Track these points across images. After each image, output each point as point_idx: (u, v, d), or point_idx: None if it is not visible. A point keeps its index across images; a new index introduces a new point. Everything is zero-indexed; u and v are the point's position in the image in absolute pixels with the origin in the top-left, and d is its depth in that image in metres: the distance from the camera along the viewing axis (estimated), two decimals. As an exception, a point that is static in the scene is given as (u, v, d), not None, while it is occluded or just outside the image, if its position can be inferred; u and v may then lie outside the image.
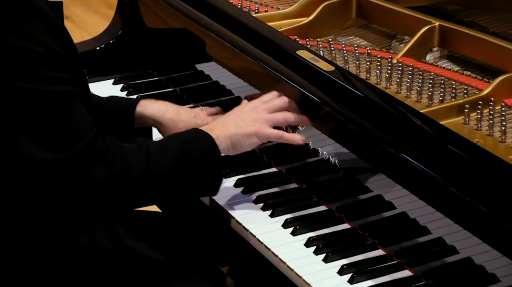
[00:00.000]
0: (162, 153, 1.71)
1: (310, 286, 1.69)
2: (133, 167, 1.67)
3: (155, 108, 2.01)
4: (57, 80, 1.62)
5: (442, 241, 1.68)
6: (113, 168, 1.65)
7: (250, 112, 1.85)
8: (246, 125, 1.82)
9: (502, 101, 1.92)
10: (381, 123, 1.80)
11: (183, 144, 1.76)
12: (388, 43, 2.26)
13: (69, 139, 1.62)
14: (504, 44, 2.04)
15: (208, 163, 1.77)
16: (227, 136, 1.80)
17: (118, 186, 1.66)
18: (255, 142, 1.83)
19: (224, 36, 2.17)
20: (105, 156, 1.65)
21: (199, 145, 1.77)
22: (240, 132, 1.81)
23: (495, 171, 1.65)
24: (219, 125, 1.82)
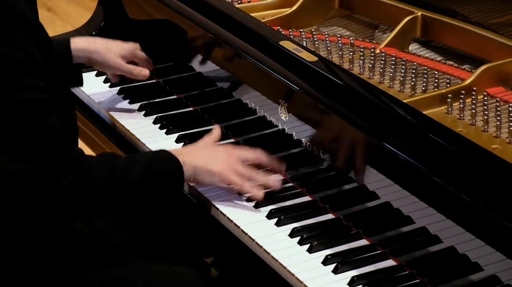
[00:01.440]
0: (128, 166, 1.75)
1: (294, 277, 1.69)
2: (97, 177, 1.70)
3: (84, 41, 2.14)
4: (35, 88, 1.62)
5: (426, 231, 1.69)
6: (78, 177, 1.67)
7: (223, 154, 1.87)
8: (214, 163, 1.84)
9: (484, 90, 1.93)
10: (364, 114, 1.80)
11: (150, 160, 1.79)
12: (371, 33, 2.26)
13: (38, 150, 1.63)
14: (486, 33, 2.05)
15: (171, 183, 1.80)
16: (192, 166, 1.82)
17: (82, 195, 1.68)
18: (215, 181, 1.85)
19: (207, 27, 2.16)
20: (72, 165, 1.67)
21: (166, 165, 1.80)
22: (206, 167, 1.83)
23: (478, 161, 1.66)
24: (189, 153, 1.85)
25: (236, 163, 1.86)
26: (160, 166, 1.79)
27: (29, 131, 1.62)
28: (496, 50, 2.01)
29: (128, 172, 1.73)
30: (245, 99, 2.10)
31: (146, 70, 2.18)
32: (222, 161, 1.85)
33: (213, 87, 2.22)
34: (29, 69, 1.61)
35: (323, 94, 1.88)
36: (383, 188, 1.77)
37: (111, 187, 1.71)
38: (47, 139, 1.64)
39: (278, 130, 2.00)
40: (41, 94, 1.63)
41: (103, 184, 1.70)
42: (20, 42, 1.60)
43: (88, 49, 2.13)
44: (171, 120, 2.18)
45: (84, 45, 2.12)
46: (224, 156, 1.86)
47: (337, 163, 1.86)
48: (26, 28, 1.62)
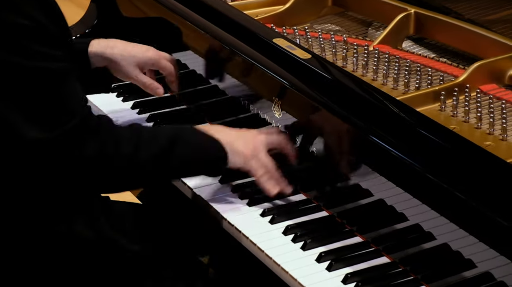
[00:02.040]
0: (155, 135, 1.71)
1: (288, 274, 1.69)
2: (123, 145, 1.66)
3: (103, 45, 2.05)
4: (50, 56, 1.60)
5: (419, 228, 1.69)
6: (105, 145, 1.64)
7: (251, 138, 1.82)
8: (242, 145, 1.79)
9: (477, 87, 1.93)
10: (357, 111, 1.80)
11: (176, 131, 1.76)
12: (364, 31, 2.27)
13: (62, 118, 1.60)
14: (479, 30, 2.05)
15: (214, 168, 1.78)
16: (223, 142, 1.78)
17: (108, 163, 1.65)
18: (237, 162, 1.80)
19: (200, 25, 2.16)
20: (97, 133, 1.64)
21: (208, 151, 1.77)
22: (233, 146, 1.79)
23: (471, 158, 1.66)
24: (219, 129, 1.81)
25: (261, 148, 1.81)
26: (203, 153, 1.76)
27: (51, 99, 1.59)
28: (489, 47, 2.01)
29: (154, 140, 1.70)
30: (239, 97, 2.10)
31: (160, 89, 2.09)
32: (249, 144, 1.80)
33: (206, 85, 2.22)
34: (42, 38, 1.59)
35: (317, 91, 1.88)
36: (376, 185, 1.77)
37: (133, 159, 1.67)
38: (70, 107, 1.61)
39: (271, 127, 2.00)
40: (57, 63, 1.60)
41: (126, 152, 1.66)
42: (31, 11, 1.57)
43: (104, 54, 2.05)
44: (163, 117, 2.18)
45: (101, 49, 2.05)
46: (252, 140, 1.81)
47: (331, 160, 1.86)
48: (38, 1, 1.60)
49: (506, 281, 1.55)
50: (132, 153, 1.67)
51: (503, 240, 1.53)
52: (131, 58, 2.06)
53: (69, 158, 1.61)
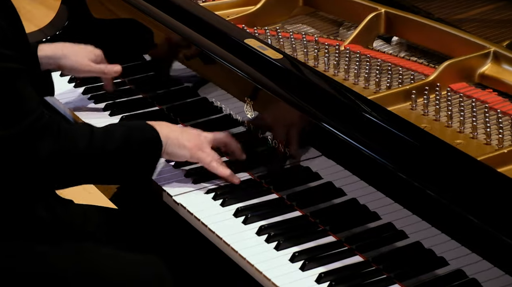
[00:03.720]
0: (107, 133, 1.80)
1: (262, 274, 1.69)
2: (77, 142, 1.74)
3: (52, 48, 2.12)
4: (4, 56, 1.64)
5: (392, 226, 1.70)
6: (59, 142, 1.72)
7: (195, 132, 1.92)
8: (186, 139, 1.89)
9: (448, 86, 1.95)
10: (329, 110, 1.81)
11: (128, 129, 1.84)
12: (335, 31, 2.27)
13: (17, 116, 1.67)
14: (448, 29, 2.07)
15: (149, 150, 1.85)
16: (166, 136, 1.86)
17: (62, 160, 1.73)
18: (184, 155, 1.89)
19: (171, 26, 2.16)
20: (51, 131, 1.71)
21: (143, 133, 1.85)
22: (178, 140, 1.88)
23: (442, 156, 1.67)
24: (164, 125, 1.89)
25: (205, 143, 1.91)
26: (139, 133, 1.84)
27: (6, 98, 1.66)
28: (458, 46, 2.03)
29: (107, 137, 1.79)
30: (211, 97, 2.10)
31: (118, 66, 2.17)
32: (193, 137, 1.90)
33: (178, 86, 2.21)
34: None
35: (289, 91, 1.88)
36: (349, 184, 1.78)
37: (90, 151, 1.76)
38: (24, 106, 1.68)
39: (244, 128, 2.00)
40: (14, 63, 1.66)
41: (82, 148, 1.75)
42: None
43: (56, 55, 2.11)
44: (137, 119, 2.18)
45: (52, 52, 2.11)
46: (195, 134, 1.91)
47: (303, 160, 1.86)
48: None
49: (478, 278, 1.56)
50: (84, 150, 1.75)
51: (474, 238, 1.54)
52: (82, 53, 2.13)
53: (25, 154, 1.68)
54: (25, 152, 1.69)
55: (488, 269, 1.53)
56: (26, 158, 1.69)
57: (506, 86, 1.94)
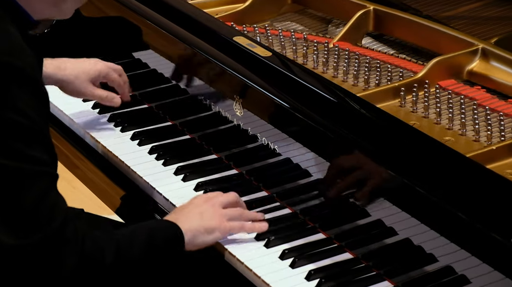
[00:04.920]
0: (131, 241, 1.67)
1: (252, 272, 1.70)
2: (104, 255, 1.62)
3: (55, 66, 2.04)
4: (36, 160, 1.53)
5: (381, 223, 1.70)
6: (84, 256, 1.59)
7: (210, 209, 1.78)
8: (208, 220, 1.76)
9: (436, 83, 1.95)
10: (318, 108, 1.81)
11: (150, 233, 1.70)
12: (324, 28, 2.28)
13: (38, 224, 1.54)
14: (437, 26, 2.07)
15: (173, 249, 1.73)
16: (190, 230, 1.73)
17: (88, 273, 1.61)
18: (216, 237, 1.76)
19: (160, 24, 2.16)
20: (76, 242, 1.58)
21: (166, 236, 1.72)
22: (204, 227, 1.75)
23: (431, 153, 1.68)
24: (181, 218, 1.75)
25: (224, 210, 1.79)
26: (162, 236, 1.71)
27: (26, 203, 1.52)
28: (447, 43, 2.03)
29: (131, 247, 1.65)
30: (200, 95, 2.10)
31: (117, 98, 2.09)
32: (213, 214, 1.77)
33: (167, 84, 2.21)
34: (34, 140, 1.53)
35: (278, 89, 1.89)
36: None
37: (116, 265, 1.63)
38: (47, 214, 1.54)
39: (234, 126, 2.00)
40: (45, 167, 1.54)
41: (109, 263, 1.62)
42: (27, 109, 1.51)
43: (56, 76, 2.04)
44: (126, 118, 2.17)
45: (53, 71, 2.04)
46: (211, 209, 1.78)
47: (292, 157, 1.87)
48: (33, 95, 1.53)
49: (467, 274, 1.57)
50: (110, 264, 1.63)
51: (463, 234, 1.55)
52: (83, 76, 2.06)
53: (48, 266, 1.56)
54: (47, 264, 1.54)
55: (477, 266, 1.53)
56: (48, 270, 1.55)
57: (494, 83, 1.95)
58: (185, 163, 1.99)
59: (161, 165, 2.00)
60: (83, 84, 2.07)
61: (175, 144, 2.08)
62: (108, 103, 2.11)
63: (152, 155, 2.04)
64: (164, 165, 2.00)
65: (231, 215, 1.78)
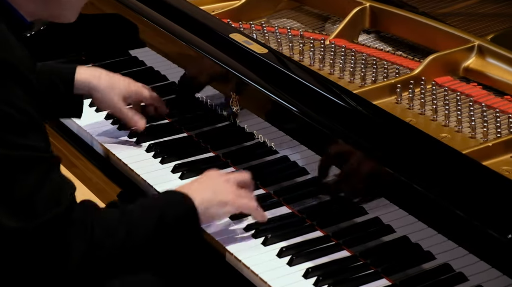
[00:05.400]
0: (142, 219, 1.65)
1: (249, 270, 1.70)
2: (112, 240, 1.60)
3: (89, 74, 2.03)
4: (32, 147, 1.54)
5: (379, 221, 1.71)
6: (93, 242, 1.57)
7: (224, 183, 1.77)
8: (222, 193, 1.74)
9: (433, 80, 1.95)
10: (315, 105, 1.81)
11: (162, 207, 1.69)
12: (321, 25, 2.28)
13: (42, 207, 1.53)
14: (433, 23, 2.07)
15: (187, 225, 1.71)
16: (204, 201, 1.72)
17: (98, 260, 1.59)
18: (227, 211, 1.75)
19: (157, 21, 2.16)
20: (85, 228, 1.57)
21: (177, 213, 1.70)
22: (216, 199, 1.73)
23: (428, 150, 1.68)
24: (194, 190, 1.73)
25: (238, 188, 1.78)
26: (174, 211, 1.69)
27: (28, 188, 1.52)
28: (443, 40, 2.03)
29: (142, 226, 1.64)
30: (197, 93, 2.10)
31: (141, 123, 2.05)
32: (227, 189, 1.76)
33: (164, 81, 2.21)
34: (29, 129, 1.54)
35: (274, 86, 1.89)
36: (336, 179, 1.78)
37: (127, 246, 1.61)
38: (49, 196, 1.53)
39: (230, 124, 2.00)
40: (38, 153, 1.54)
41: (119, 245, 1.60)
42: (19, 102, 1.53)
43: (90, 83, 2.02)
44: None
45: (87, 78, 2.02)
46: (226, 185, 1.77)
47: (289, 155, 1.87)
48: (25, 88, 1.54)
49: (465, 272, 1.57)
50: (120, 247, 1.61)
51: (461, 232, 1.55)
52: (117, 90, 2.04)
53: (54, 252, 1.54)
54: (54, 249, 1.53)
55: (475, 263, 1.54)
56: (55, 257, 1.54)
57: (490, 79, 1.95)
58: (182, 161, 1.99)
59: (158, 163, 2.01)
60: (116, 97, 2.03)
61: (173, 142, 2.08)
62: (133, 124, 2.06)
63: (149, 152, 2.04)
64: (161, 163, 2.00)
65: (243, 194, 1.77)
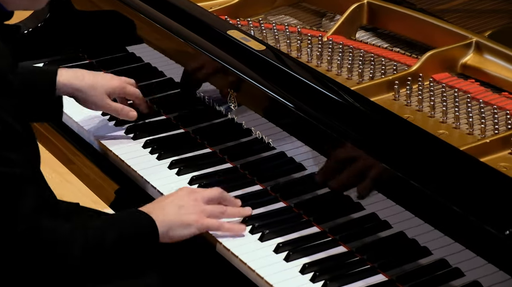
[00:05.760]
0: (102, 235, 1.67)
1: (246, 265, 1.70)
2: (71, 251, 1.63)
3: (71, 76, 2.04)
4: (10, 162, 1.56)
5: (375, 217, 1.71)
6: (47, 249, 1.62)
7: (191, 202, 1.76)
8: (186, 214, 1.74)
9: (430, 76, 1.95)
10: (312, 102, 1.81)
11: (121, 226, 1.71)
12: (318, 22, 2.28)
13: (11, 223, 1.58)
14: (431, 20, 2.07)
15: (146, 245, 1.72)
16: (165, 223, 1.72)
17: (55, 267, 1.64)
18: (191, 232, 1.74)
19: (154, 18, 2.16)
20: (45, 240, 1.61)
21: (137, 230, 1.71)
22: (180, 221, 1.73)
23: (425, 146, 1.68)
24: (157, 209, 1.74)
25: (205, 206, 1.77)
26: (133, 231, 1.71)
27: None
28: (441, 37, 2.03)
29: (102, 240, 1.66)
30: (194, 89, 2.10)
31: (133, 112, 2.07)
32: (192, 209, 1.75)
33: (161, 77, 2.21)
34: (8, 142, 1.55)
35: (272, 83, 1.89)
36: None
37: (85, 258, 1.64)
38: (16, 213, 1.58)
39: (227, 120, 2.00)
40: (15, 169, 1.56)
41: (77, 256, 1.63)
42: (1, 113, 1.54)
43: (73, 85, 2.03)
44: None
45: (70, 80, 2.03)
46: (192, 203, 1.76)
47: (287, 151, 1.87)
48: (7, 97, 1.55)
49: (461, 267, 1.57)
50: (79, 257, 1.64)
51: (457, 227, 1.55)
52: (100, 88, 2.04)
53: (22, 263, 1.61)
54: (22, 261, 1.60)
55: (471, 258, 1.54)
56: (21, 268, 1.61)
57: (488, 76, 1.95)
58: (179, 157, 1.99)
59: (155, 158, 2.01)
60: (100, 96, 2.04)
61: (169, 138, 2.08)
62: (125, 117, 2.08)
63: (146, 148, 2.04)
64: (158, 158, 2.00)
65: (212, 211, 1.77)
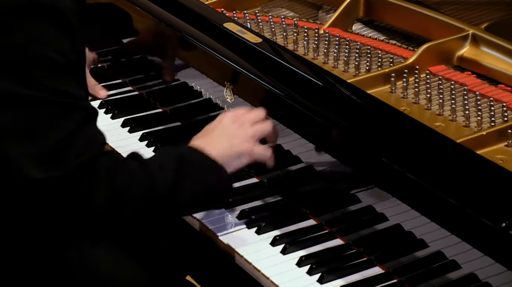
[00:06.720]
0: (162, 171, 1.61)
1: (243, 258, 1.70)
2: (134, 187, 1.57)
3: None
4: (69, 94, 1.51)
5: (372, 209, 1.71)
6: (117, 186, 1.55)
7: (239, 129, 1.73)
8: (237, 143, 1.71)
9: (427, 69, 1.95)
10: (309, 94, 1.81)
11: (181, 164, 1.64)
12: (314, 14, 2.27)
13: (68, 157, 1.49)
14: (427, 12, 2.07)
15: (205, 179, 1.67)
16: (219, 156, 1.68)
17: (120, 208, 1.56)
18: (243, 162, 1.72)
19: (150, 10, 2.15)
20: (108, 175, 1.54)
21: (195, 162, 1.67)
22: (233, 152, 1.70)
23: (421, 138, 1.68)
24: (210, 145, 1.69)
25: (253, 130, 1.74)
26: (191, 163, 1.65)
27: (57, 137, 1.49)
28: (437, 29, 2.03)
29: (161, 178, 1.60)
30: (191, 82, 2.10)
31: (104, 91, 2.09)
32: (243, 138, 1.72)
33: (157, 70, 2.21)
34: (70, 77, 1.52)
35: (268, 75, 1.89)
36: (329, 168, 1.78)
37: (149, 195, 1.58)
38: (77, 147, 1.50)
39: (224, 113, 2.00)
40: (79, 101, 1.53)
41: (141, 193, 1.57)
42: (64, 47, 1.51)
43: None
44: (116, 104, 2.17)
45: None
46: (241, 131, 1.73)
47: (283, 143, 1.87)
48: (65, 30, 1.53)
49: (458, 260, 1.57)
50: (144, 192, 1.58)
51: (454, 220, 1.55)
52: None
53: (78, 202, 1.52)
54: (78, 200, 1.50)
55: (468, 251, 1.54)
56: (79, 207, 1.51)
57: (484, 68, 1.95)
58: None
59: (152, 152, 2.00)
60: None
61: (166, 131, 2.08)
62: (95, 94, 2.11)
63: (143, 141, 2.04)
64: (155, 152, 2.00)
65: (262, 131, 1.75)
